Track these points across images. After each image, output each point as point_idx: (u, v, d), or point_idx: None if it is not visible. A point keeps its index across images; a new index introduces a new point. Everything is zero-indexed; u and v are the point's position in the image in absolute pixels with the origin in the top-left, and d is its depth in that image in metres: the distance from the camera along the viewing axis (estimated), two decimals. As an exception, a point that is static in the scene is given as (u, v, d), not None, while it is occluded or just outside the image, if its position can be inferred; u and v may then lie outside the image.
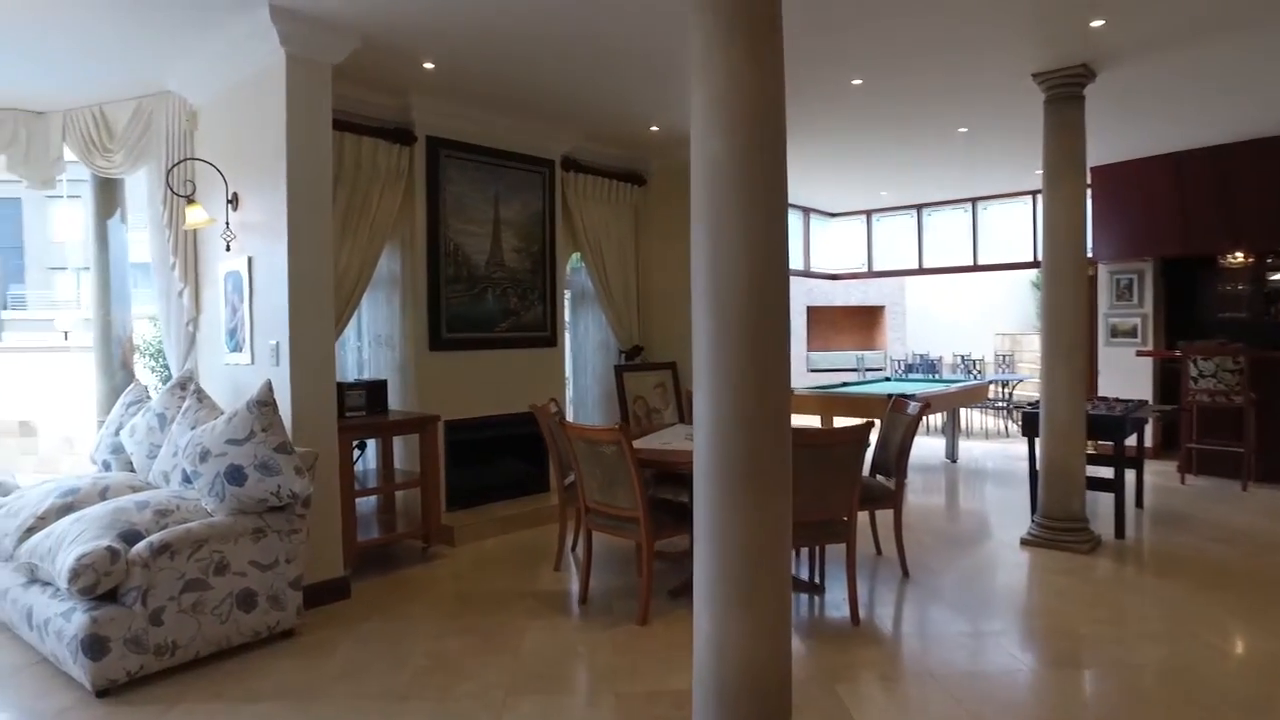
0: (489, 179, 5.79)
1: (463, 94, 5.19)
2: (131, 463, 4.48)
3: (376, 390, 4.96)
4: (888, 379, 9.10)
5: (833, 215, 10.00)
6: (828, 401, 7.14)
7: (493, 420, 5.83)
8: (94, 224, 5.88)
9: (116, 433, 4.59)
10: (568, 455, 4.24)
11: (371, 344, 5.48)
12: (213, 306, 4.71)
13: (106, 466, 4.68)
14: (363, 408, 4.83)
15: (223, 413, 4.04)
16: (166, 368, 5.88)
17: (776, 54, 2.27)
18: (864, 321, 14.93)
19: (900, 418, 4.68)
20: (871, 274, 9.99)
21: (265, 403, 3.66)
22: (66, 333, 14.67)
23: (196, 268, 4.85)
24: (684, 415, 6.59)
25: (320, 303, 4.15)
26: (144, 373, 7.39)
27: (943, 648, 3.52)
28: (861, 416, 7.02)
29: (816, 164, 7.50)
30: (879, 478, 4.71)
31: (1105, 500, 5.36)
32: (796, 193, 8.86)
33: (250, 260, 4.29)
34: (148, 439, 4.32)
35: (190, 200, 4.42)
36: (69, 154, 5.27)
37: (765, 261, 2.18)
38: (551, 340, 6.28)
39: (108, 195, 5.87)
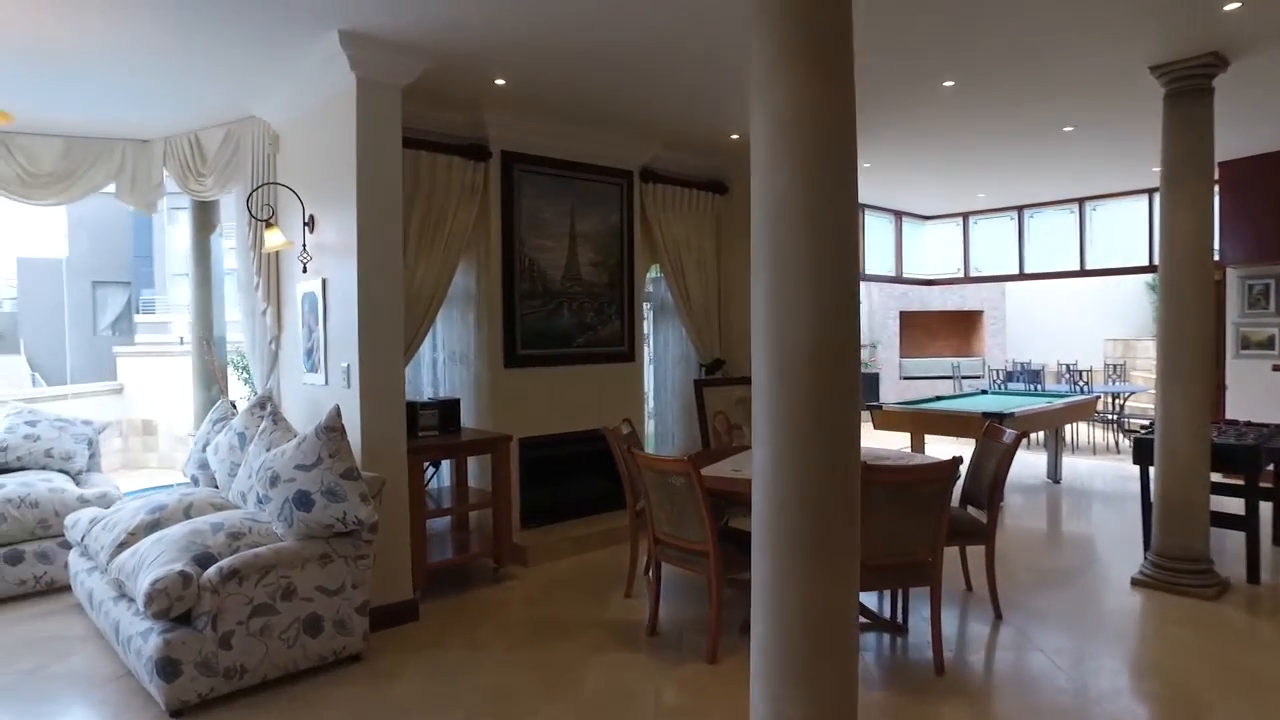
0: (565, 192, 5.73)
1: (537, 108, 5.13)
2: (215, 479, 4.61)
3: (449, 409, 4.95)
4: (984, 391, 8.59)
5: (927, 218, 9.52)
6: (918, 419, 6.76)
7: (569, 437, 5.76)
8: (194, 239, 6.13)
9: (204, 448, 4.74)
10: (638, 482, 4.11)
11: (447, 361, 5.49)
12: (293, 326, 4.80)
13: (195, 481, 4.85)
14: (436, 427, 4.83)
15: (296, 435, 4.10)
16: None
17: (846, 73, 2.06)
18: (961, 327, 14.22)
19: (994, 445, 4.34)
20: (968, 279, 9.46)
21: (333, 428, 3.67)
22: (182, 337, 15.54)
23: (278, 288, 4.96)
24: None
25: (390, 325, 4.15)
26: (239, 386, 7.67)
27: (1038, 709, 3.20)
28: (955, 435, 6.65)
29: (908, 166, 7.12)
30: (970, 509, 4.38)
31: (1235, 538, 4.83)
32: (888, 196, 8.47)
33: (324, 282, 4.33)
34: (229, 457, 4.44)
35: (269, 224, 4.50)
36: (169, 179, 5.51)
37: (836, 316, 1.99)
38: (629, 355, 6.17)
39: (206, 213, 6.11)
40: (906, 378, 13.60)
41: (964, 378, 11.89)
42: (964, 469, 3.98)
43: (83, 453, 5.39)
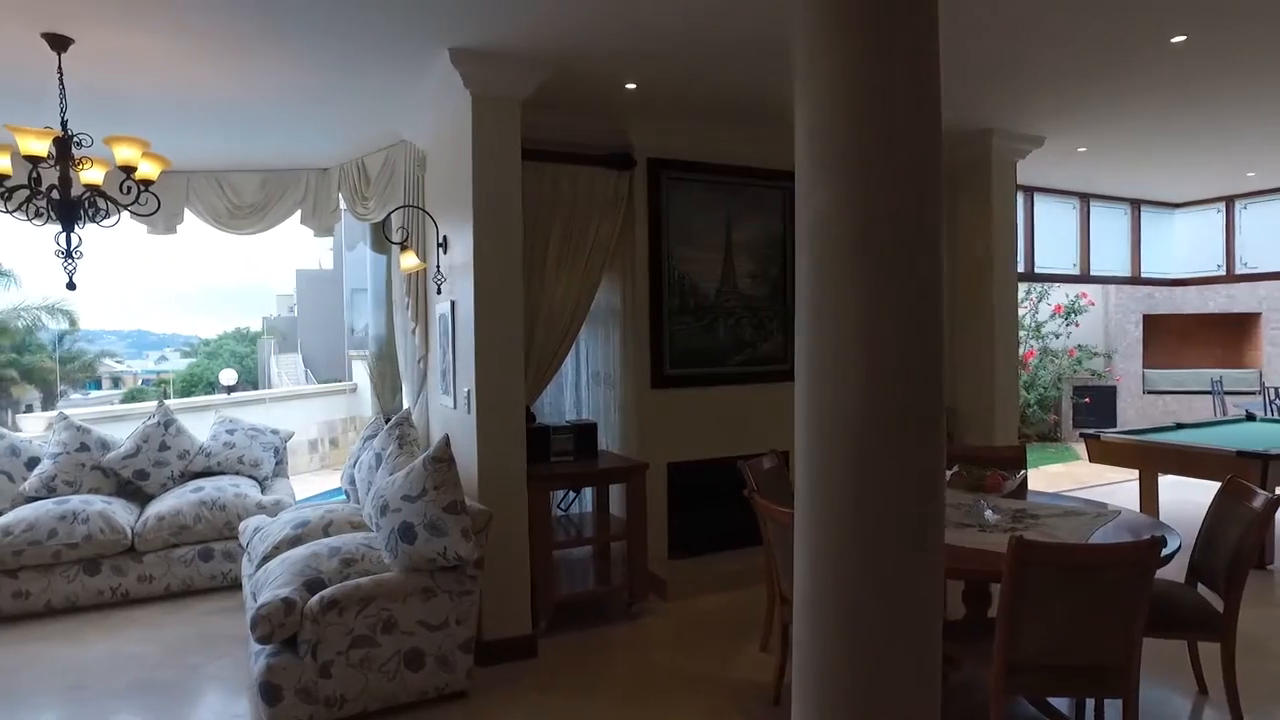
0: (719, 199, 5.33)
1: (682, 109, 4.78)
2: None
3: (585, 433, 4.75)
4: (1250, 417, 6.96)
5: (1175, 206, 7.97)
6: (1147, 454, 5.58)
7: (723, 463, 5.34)
8: (370, 259, 6.44)
9: (354, 464, 4.90)
10: (762, 529, 3.65)
11: (590, 382, 5.30)
12: (435, 347, 4.84)
13: (347, 496, 5.04)
14: (571, 452, 4.65)
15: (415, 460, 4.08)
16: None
17: (930, 51, 1.52)
18: (1227, 332, 11.76)
19: (1239, 509, 3.34)
20: (1232, 278, 7.78)
21: (440, 459, 3.57)
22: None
23: (426, 308, 5.02)
24: (952, 461, 5.56)
25: (508, 348, 4.00)
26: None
27: None
28: (1197, 476, 5.41)
29: (1142, 146, 5.92)
30: (1201, 588, 3.44)
31: None
32: (1120, 183, 7.15)
33: (453, 304, 4.29)
34: (367, 476, 4.53)
35: (403, 246, 4.54)
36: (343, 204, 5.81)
37: (899, 378, 1.47)
38: (793, 373, 5.63)
39: (381, 232, 6.40)
40: (1152, 391, 11.57)
41: (1228, 393, 9.86)
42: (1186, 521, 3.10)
43: (269, 460, 5.84)
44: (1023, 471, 4.30)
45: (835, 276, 1.48)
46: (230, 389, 12.22)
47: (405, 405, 5.30)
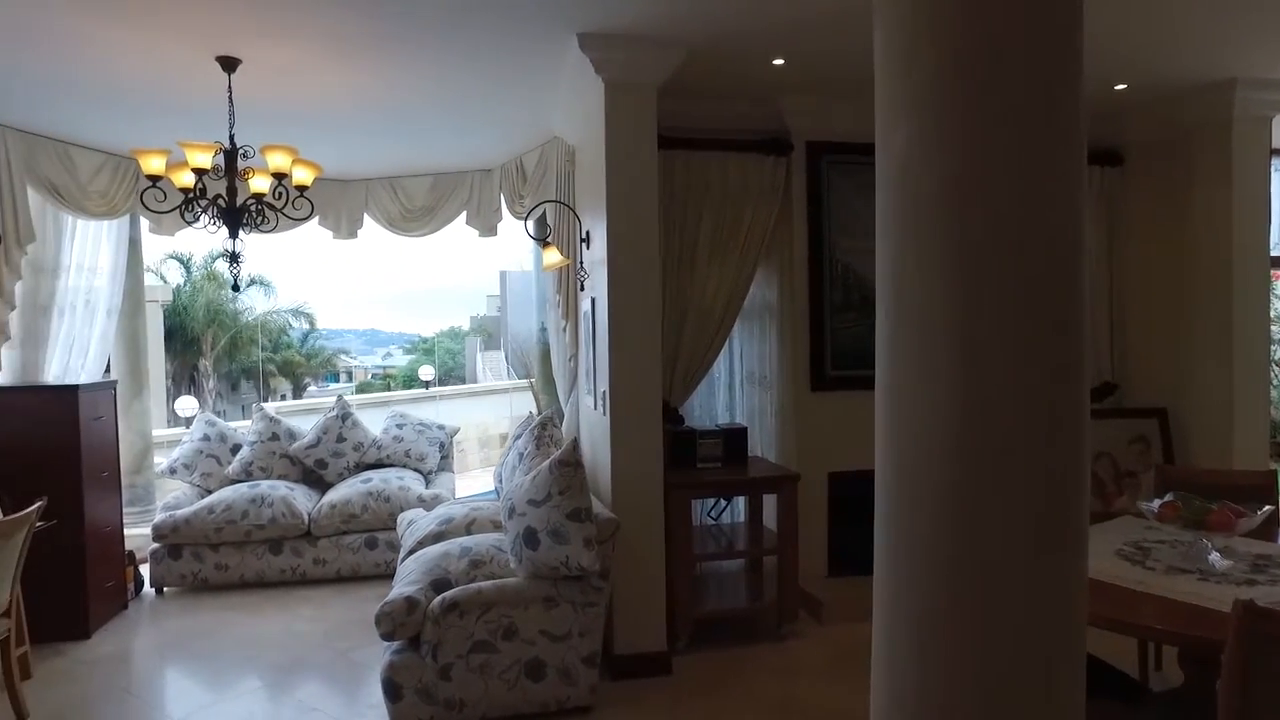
0: (889, 183, 4.81)
1: (841, 86, 4.33)
2: (508, 495, 4.75)
3: (735, 438, 4.45)
4: None
5: None
6: None
7: (890, 473, 4.84)
8: (535, 256, 6.52)
9: (503, 463, 4.92)
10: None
11: (744, 383, 4.97)
12: (583, 345, 4.74)
13: (498, 495, 5.07)
14: (718, 458, 4.37)
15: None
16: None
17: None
18: None
19: None
20: None
21: (566, 463, 3.42)
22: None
23: (576, 305, 4.94)
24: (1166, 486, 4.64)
25: (644, 347, 3.80)
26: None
27: None
28: None
29: None
30: None
31: None
32: None
33: (593, 301, 4.15)
34: (511, 476, 4.51)
35: (546, 243, 4.46)
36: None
37: (1016, 395, 1.07)
38: (977, 376, 4.99)
39: (542, 229, 6.45)
40: None
41: None
42: None
43: (434, 455, 6.04)
44: (1270, 507, 3.44)
45: (917, 238, 1.11)
46: (427, 384, 13.07)
47: (562, 405, 5.28)
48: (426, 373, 14.58)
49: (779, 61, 3.91)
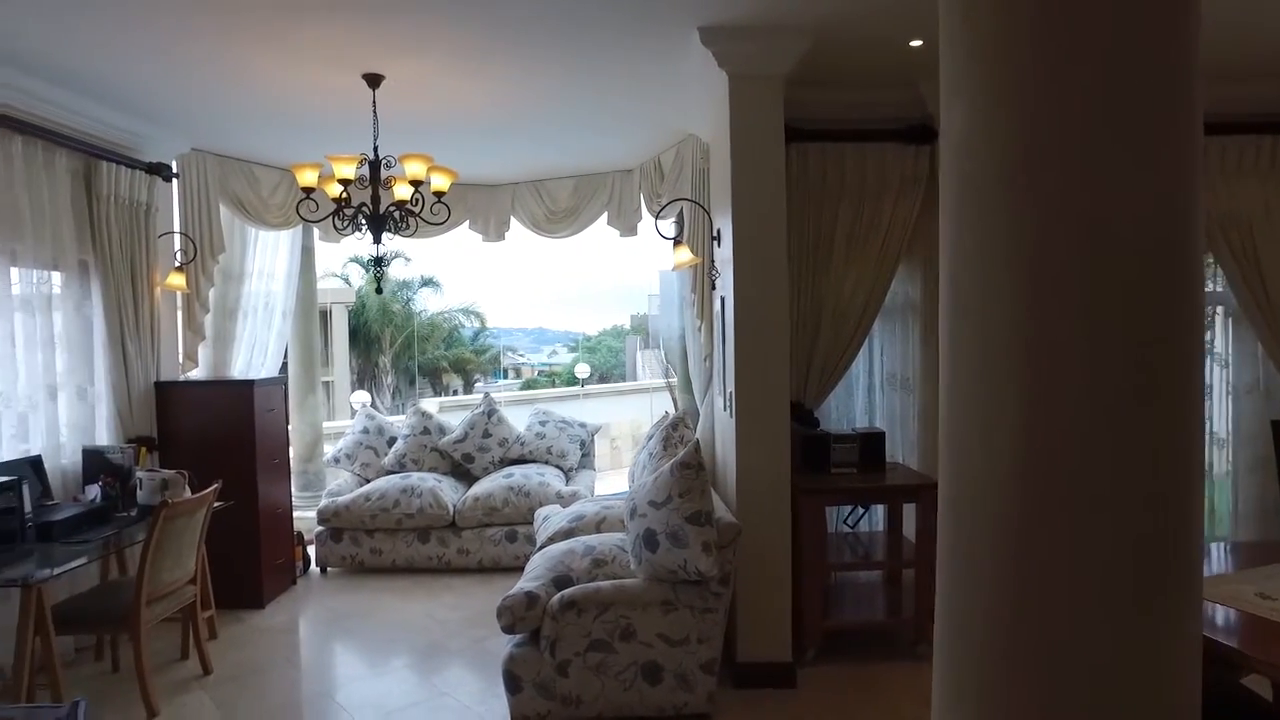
0: (1051, 169, 4.39)
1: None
2: (640, 494, 4.75)
3: (872, 443, 4.22)
4: None
5: None
6: None
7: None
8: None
9: (635, 462, 4.93)
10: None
11: (884, 385, 4.71)
12: (716, 345, 4.67)
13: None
14: (854, 464, 4.17)
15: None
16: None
17: None
18: None
19: None
20: None
21: (688, 465, 3.38)
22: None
23: (710, 304, 4.87)
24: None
25: (772, 346, 3.68)
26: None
27: None
28: None
29: None
30: None
31: None
32: None
33: (722, 300, 4.07)
34: (640, 476, 4.51)
35: (677, 242, 4.42)
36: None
37: (1103, 417, 0.89)
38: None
39: (679, 228, 6.42)
40: None
41: None
42: None
43: (575, 452, 6.16)
44: None
45: (974, 226, 0.96)
46: (583, 382, 13.44)
47: (698, 405, 5.23)
48: (582, 370, 15.01)
49: (917, 43, 3.66)
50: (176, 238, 4.94)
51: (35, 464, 3.92)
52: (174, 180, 4.95)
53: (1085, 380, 0.84)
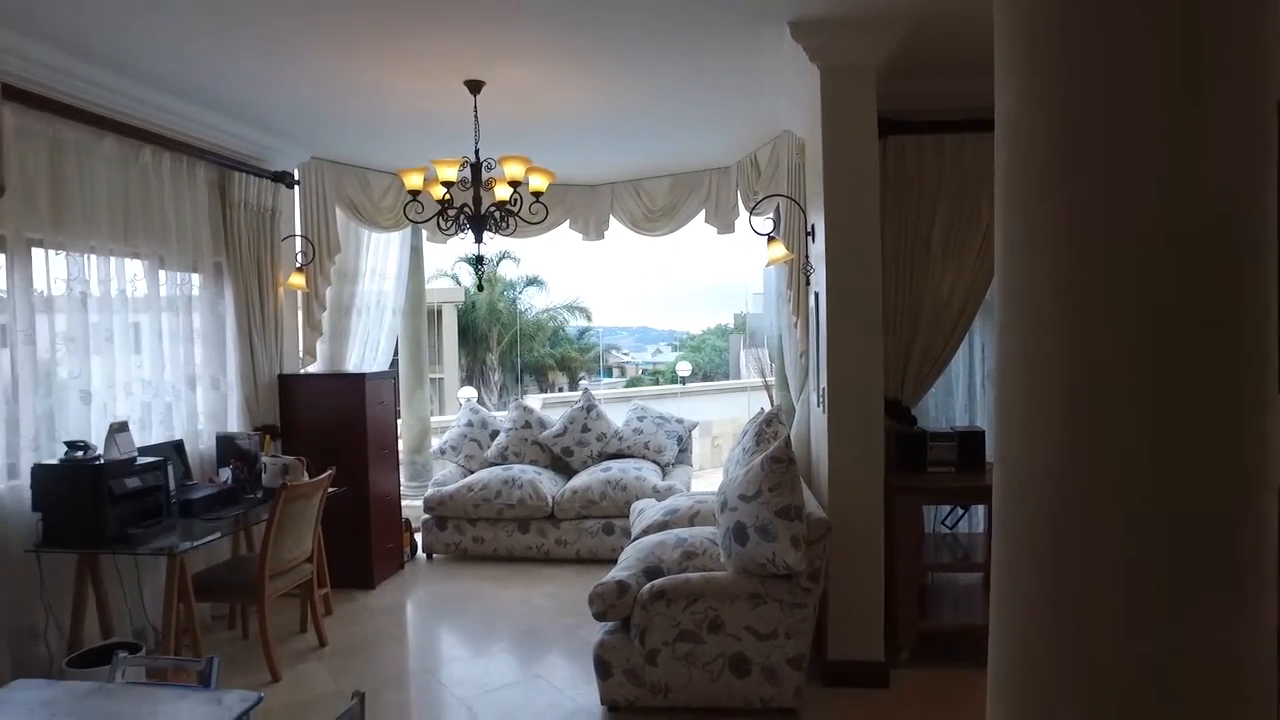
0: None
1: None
2: (733, 489, 4.76)
3: (971, 442, 4.10)
4: None
5: None
6: None
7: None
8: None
9: (729, 457, 4.95)
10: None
11: (985, 383, 4.55)
12: (811, 342, 4.63)
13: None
14: (952, 463, 4.06)
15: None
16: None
17: None
18: None
19: None
20: None
21: (778, 460, 3.38)
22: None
23: (805, 301, 4.84)
24: None
25: (865, 342, 3.64)
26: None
27: None
28: None
29: None
30: None
31: None
32: None
33: (816, 296, 4.05)
34: (735, 470, 4.52)
35: (770, 238, 4.41)
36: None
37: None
38: None
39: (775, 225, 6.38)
40: None
41: None
42: None
43: (672, 447, 6.23)
44: None
45: (1024, 211, 0.94)
46: (684, 380, 13.49)
47: (794, 402, 5.21)
48: (683, 369, 15.08)
49: (1021, 28, 3.53)
50: (297, 240, 5.30)
51: (178, 447, 4.30)
52: (295, 187, 5.31)
53: (1130, 375, 0.82)
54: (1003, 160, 0.99)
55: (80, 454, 3.51)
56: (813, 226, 4.16)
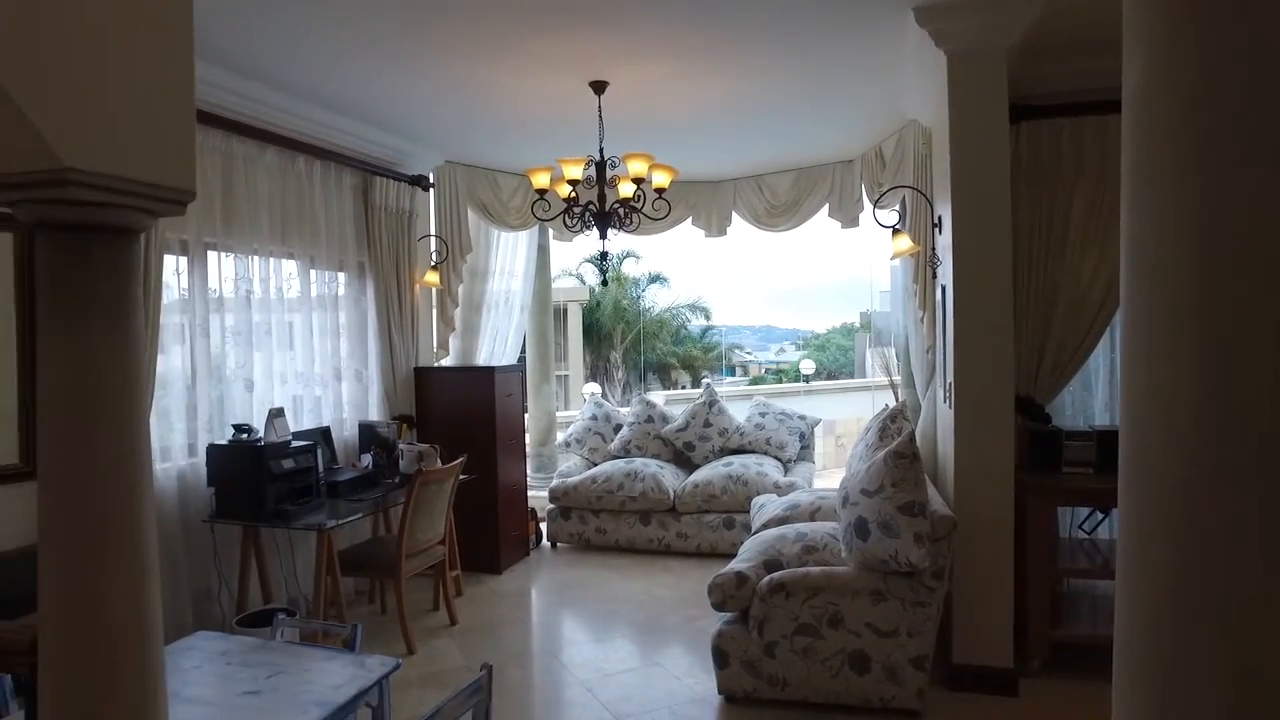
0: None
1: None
2: (854, 486, 4.68)
3: (1111, 442, 3.85)
4: None
5: None
6: None
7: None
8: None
9: (852, 454, 4.86)
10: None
11: (1131, 379, 4.26)
12: (938, 336, 4.49)
13: (847, 484, 5.03)
14: (1090, 463, 3.84)
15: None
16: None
17: None
18: None
19: None
20: None
21: (902, 455, 3.31)
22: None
23: (932, 294, 4.69)
24: None
25: (994, 336, 3.50)
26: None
27: None
28: None
29: None
30: None
31: None
32: None
33: (943, 289, 3.92)
34: (858, 466, 4.44)
35: (895, 230, 4.31)
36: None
37: None
38: None
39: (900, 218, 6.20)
40: None
41: None
42: None
43: (794, 444, 6.17)
44: None
45: (1151, 183, 0.89)
46: (808, 378, 13.28)
47: (920, 399, 5.07)
48: (807, 366, 14.85)
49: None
50: (432, 240, 5.61)
51: (325, 434, 4.65)
52: (430, 190, 5.62)
53: (1271, 350, 0.77)
54: (1129, 131, 0.95)
55: (244, 436, 3.87)
56: (939, 218, 4.04)
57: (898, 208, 5.03)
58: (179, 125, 1.34)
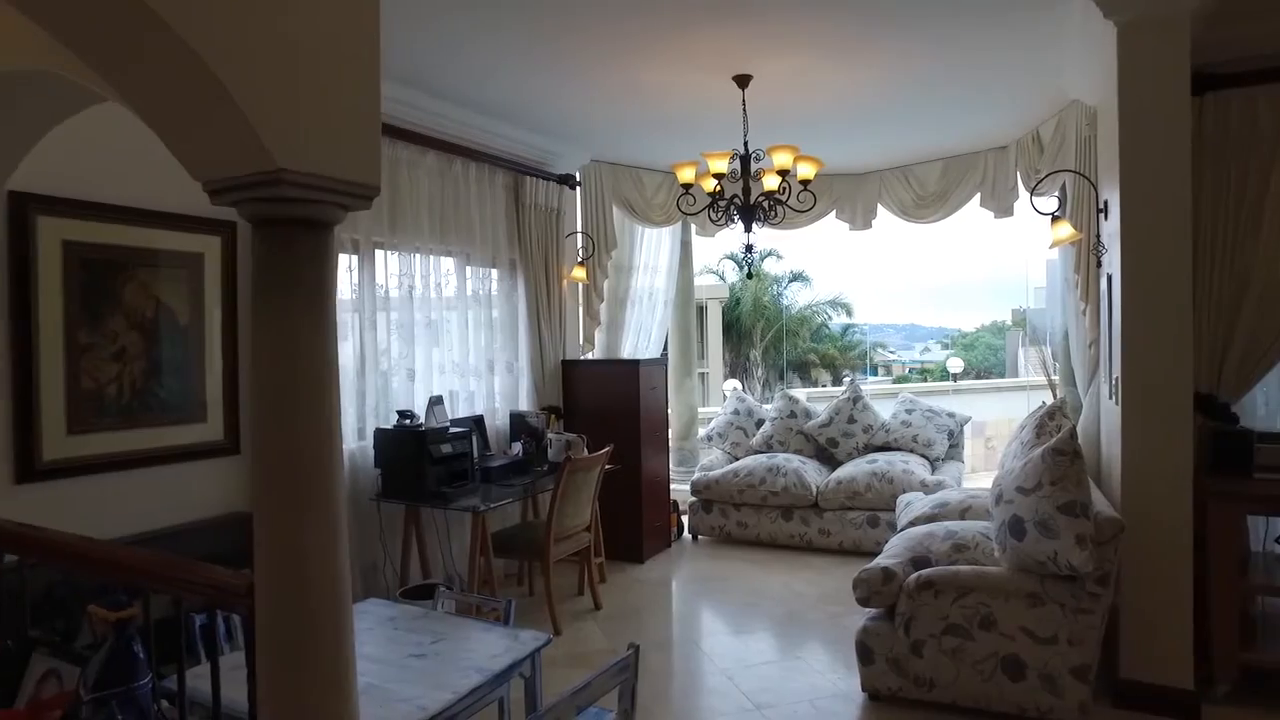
0: None
1: None
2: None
3: (1314, 444, 3.48)
4: None
5: None
6: None
7: None
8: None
9: (1005, 452, 4.63)
10: None
11: (1337, 376, 3.82)
12: (1103, 330, 4.20)
13: (1002, 483, 4.79)
14: (1288, 467, 3.48)
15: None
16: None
17: None
18: None
19: None
20: None
21: (1061, 452, 3.13)
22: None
23: (1095, 285, 4.39)
24: None
25: (1168, 327, 3.24)
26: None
27: None
28: None
29: None
30: None
31: None
32: None
33: (1109, 279, 3.67)
34: (1012, 464, 4.23)
35: (1055, 218, 4.06)
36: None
37: None
38: None
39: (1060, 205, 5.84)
40: None
41: None
42: None
43: (942, 442, 5.93)
44: None
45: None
46: (955, 377, 12.68)
47: (1080, 397, 4.76)
48: (955, 365, 14.21)
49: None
50: (579, 237, 5.80)
51: (479, 422, 4.92)
52: (577, 188, 5.82)
53: None
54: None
55: (408, 421, 4.16)
56: (1105, 203, 3.78)
57: (1057, 194, 4.73)
58: (367, 126, 1.50)
